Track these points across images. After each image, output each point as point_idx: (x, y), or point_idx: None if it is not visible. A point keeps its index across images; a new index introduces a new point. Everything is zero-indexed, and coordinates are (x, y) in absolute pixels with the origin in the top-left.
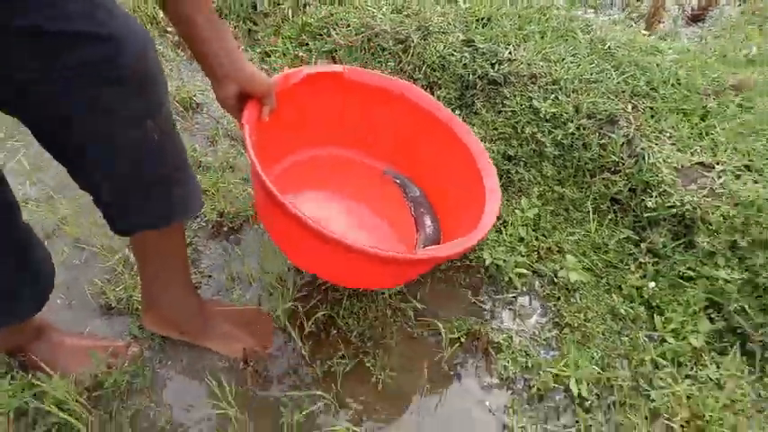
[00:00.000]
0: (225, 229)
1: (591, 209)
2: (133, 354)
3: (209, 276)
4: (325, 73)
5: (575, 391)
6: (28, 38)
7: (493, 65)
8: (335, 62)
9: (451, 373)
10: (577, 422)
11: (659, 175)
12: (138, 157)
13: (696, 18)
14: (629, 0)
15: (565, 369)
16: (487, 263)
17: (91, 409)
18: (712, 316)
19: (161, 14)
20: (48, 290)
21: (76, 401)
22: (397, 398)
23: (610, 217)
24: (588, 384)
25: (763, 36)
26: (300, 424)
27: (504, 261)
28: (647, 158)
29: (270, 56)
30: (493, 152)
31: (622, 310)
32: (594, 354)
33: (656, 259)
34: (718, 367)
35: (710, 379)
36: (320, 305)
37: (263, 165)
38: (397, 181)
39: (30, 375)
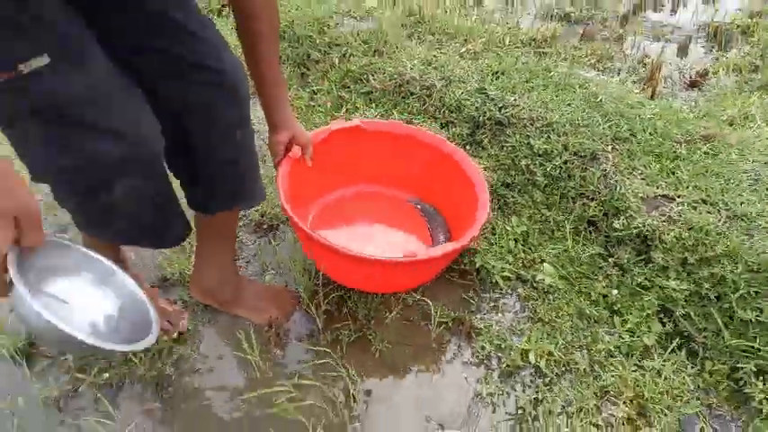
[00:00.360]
0: (264, 226)
1: (570, 229)
2: (183, 325)
3: (248, 262)
4: (345, 128)
5: (532, 360)
6: (188, 66)
7: (500, 109)
8: (372, 102)
9: (437, 348)
10: (538, 392)
11: (627, 202)
12: (229, 155)
13: (693, 84)
14: (633, 65)
15: (527, 344)
16: (478, 266)
17: (145, 355)
18: (664, 320)
19: None
20: (189, 231)
21: None
22: (390, 364)
23: (585, 236)
24: (547, 359)
25: (747, 102)
26: (310, 373)
27: (493, 266)
28: (618, 189)
29: (317, 93)
30: (494, 180)
31: (588, 312)
32: (560, 341)
33: (620, 272)
34: (661, 359)
35: (655, 369)
36: (336, 289)
37: (305, 203)
38: (418, 206)
39: None
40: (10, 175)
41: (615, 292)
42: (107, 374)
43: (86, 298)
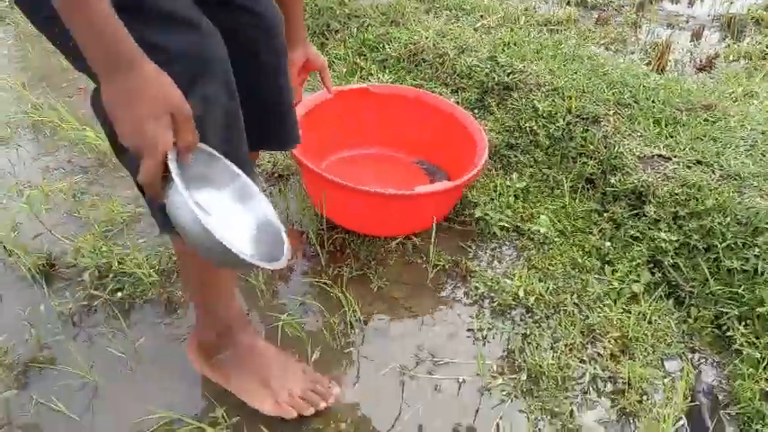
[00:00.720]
0: (276, 175)
1: (568, 186)
2: (335, 395)
3: None
4: (353, 89)
5: (522, 294)
6: (237, 8)
7: (508, 74)
8: (386, 69)
9: (433, 288)
10: (527, 328)
11: (624, 160)
12: (274, 96)
13: (702, 68)
14: (645, 48)
15: (519, 282)
16: (477, 216)
17: (158, 280)
18: (653, 270)
19: None
20: None
21: (150, 273)
22: (387, 298)
23: (582, 193)
24: (537, 299)
25: (753, 82)
26: (311, 302)
27: (491, 218)
28: (616, 148)
29: (334, 61)
30: (498, 141)
31: (580, 261)
32: (550, 286)
33: (614, 226)
34: (648, 304)
35: (642, 313)
36: (341, 232)
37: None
38: (424, 167)
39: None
40: (162, 75)
41: (608, 243)
42: (120, 294)
43: (227, 211)
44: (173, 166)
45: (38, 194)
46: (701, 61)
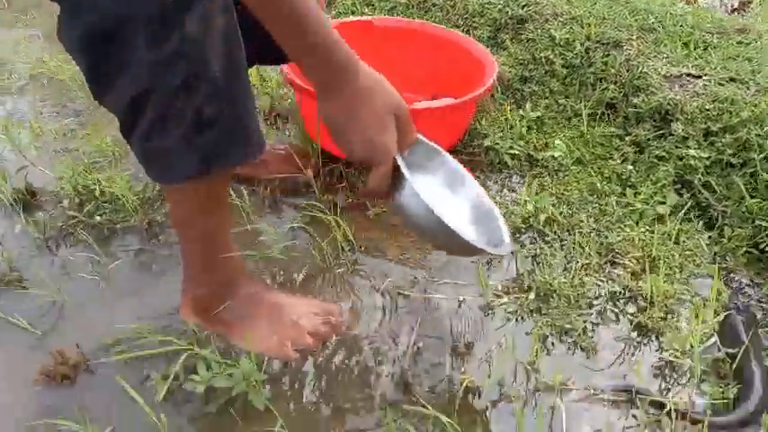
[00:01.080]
0: (274, 114)
1: (587, 114)
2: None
3: None
4: (356, 21)
5: (529, 208)
6: None
7: (523, 7)
8: (394, 16)
9: None
10: (537, 249)
11: (648, 80)
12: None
13: (735, 10)
14: None
15: (527, 195)
16: (486, 145)
17: (140, 207)
18: (681, 192)
19: None
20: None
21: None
22: (383, 225)
23: (602, 119)
24: (550, 218)
25: None
26: (301, 226)
27: (501, 146)
28: (639, 68)
29: (342, 13)
30: (512, 75)
31: (599, 187)
32: (564, 210)
33: (637, 149)
34: (673, 225)
35: (667, 233)
36: (338, 166)
37: None
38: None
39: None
40: (376, 74)
41: (630, 167)
42: (99, 218)
43: (441, 197)
44: (402, 164)
45: (26, 132)
46: (732, 6)
